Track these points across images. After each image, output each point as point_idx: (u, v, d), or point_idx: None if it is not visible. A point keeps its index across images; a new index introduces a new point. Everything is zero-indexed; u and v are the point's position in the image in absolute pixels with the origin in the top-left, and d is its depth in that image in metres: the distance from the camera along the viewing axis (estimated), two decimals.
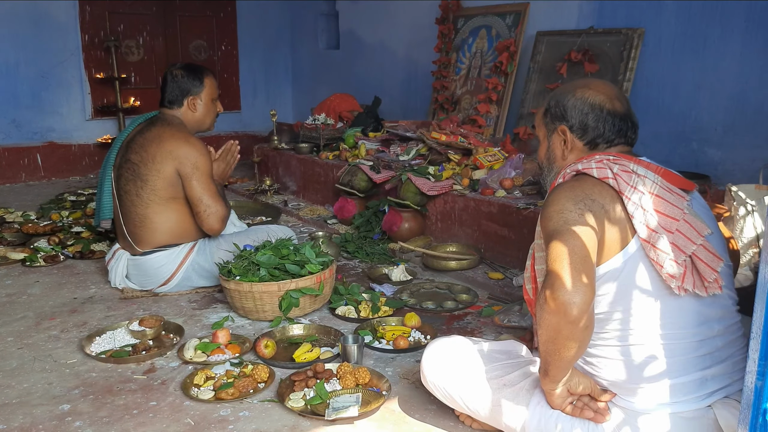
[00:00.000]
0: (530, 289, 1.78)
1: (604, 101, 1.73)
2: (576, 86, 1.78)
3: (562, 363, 1.50)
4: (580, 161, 1.68)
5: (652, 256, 1.53)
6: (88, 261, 3.58)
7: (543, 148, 1.86)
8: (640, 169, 1.61)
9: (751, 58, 3.23)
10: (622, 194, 1.56)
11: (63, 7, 5.94)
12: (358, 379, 2.14)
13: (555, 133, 1.79)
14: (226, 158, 3.21)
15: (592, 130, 1.72)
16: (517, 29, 4.36)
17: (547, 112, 1.81)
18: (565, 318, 1.41)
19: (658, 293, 1.54)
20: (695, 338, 1.56)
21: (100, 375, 2.30)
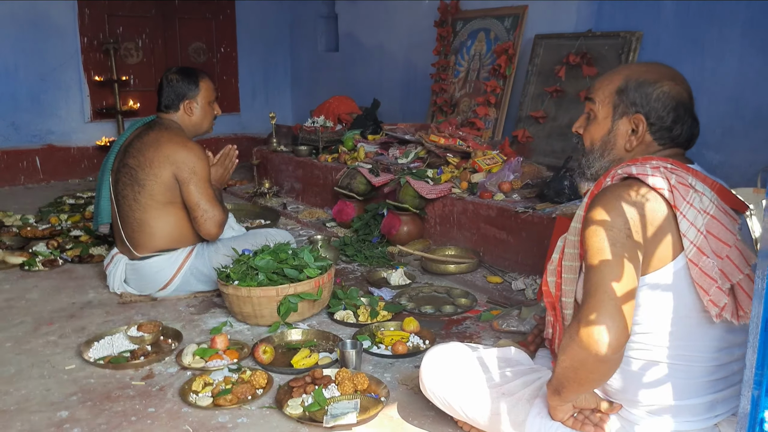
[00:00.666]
0: (552, 282, 1.70)
1: (687, 101, 1.58)
2: (662, 74, 1.59)
3: (579, 390, 1.46)
4: (634, 163, 1.53)
5: (696, 278, 1.44)
6: (87, 265, 3.58)
7: (601, 129, 1.65)
8: (698, 184, 1.49)
9: (749, 61, 3.23)
10: (677, 209, 1.45)
11: (62, 9, 5.93)
12: (357, 385, 2.13)
13: (625, 118, 1.60)
14: (225, 163, 3.21)
15: (668, 129, 1.57)
16: (516, 32, 4.36)
17: (624, 92, 1.59)
18: (595, 356, 1.35)
19: (691, 315, 1.48)
20: (714, 363, 1.51)
21: (99, 381, 2.30)
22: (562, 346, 1.43)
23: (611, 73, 1.66)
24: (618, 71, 1.64)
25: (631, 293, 1.40)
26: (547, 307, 1.76)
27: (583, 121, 1.71)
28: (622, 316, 1.36)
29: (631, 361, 1.54)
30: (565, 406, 1.54)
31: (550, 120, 4.07)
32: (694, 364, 1.50)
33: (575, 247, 1.61)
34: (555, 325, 1.75)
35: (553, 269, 1.70)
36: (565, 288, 1.66)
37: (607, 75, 1.66)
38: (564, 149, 3.90)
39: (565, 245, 1.66)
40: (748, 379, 1.16)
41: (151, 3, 6.41)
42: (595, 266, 1.42)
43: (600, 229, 1.44)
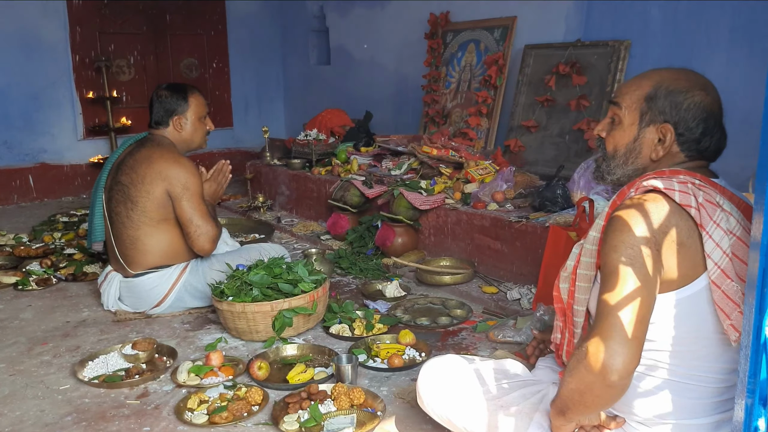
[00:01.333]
0: (565, 288, 1.67)
1: (718, 113, 1.53)
2: (693, 83, 1.53)
3: (585, 412, 1.44)
4: (660, 176, 1.47)
5: (717, 301, 1.40)
6: (81, 283, 3.56)
7: (626, 136, 1.58)
8: (725, 203, 1.45)
9: (737, 68, 3.25)
10: (703, 229, 1.40)
11: (53, 28, 5.94)
12: (353, 399, 2.13)
13: (652, 126, 1.54)
14: (218, 178, 3.21)
15: (696, 141, 1.51)
16: (505, 43, 4.39)
17: (653, 100, 1.53)
18: (603, 381, 1.32)
19: (709, 337, 1.44)
20: (724, 384, 1.49)
21: (93, 401, 2.29)
22: (570, 367, 1.40)
23: (640, 77, 1.60)
24: (647, 76, 1.58)
25: (646, 318, 1.36)
26: (557, 312, 1.72)
27: (607, 125, 1.64)
28: (633, 343, 1.33)
29: (641, 377, 1.51)
30: (568, 425, 1.51)
31: (542, 129, 4.09)
32: (706, 384, 1.48)
33: (592, 256, 1.57)
34: (564, 331, 1.72)
35: (567, 276, 1.66)
36: (578, 296, 1.62)
37: (635, 79, 1.60)
38: (556, 158, 3.92)
39: (581, 253, 1.61)
40: (742, 388, 1.16)
41: (143, 20, 6.42)
42: (611, 286, 1.38)
43: (619, 245, 1.40)
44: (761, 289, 1.10)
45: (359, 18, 5.97)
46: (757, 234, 1.10)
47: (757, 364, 1.13)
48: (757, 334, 1.12)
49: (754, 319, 1.12)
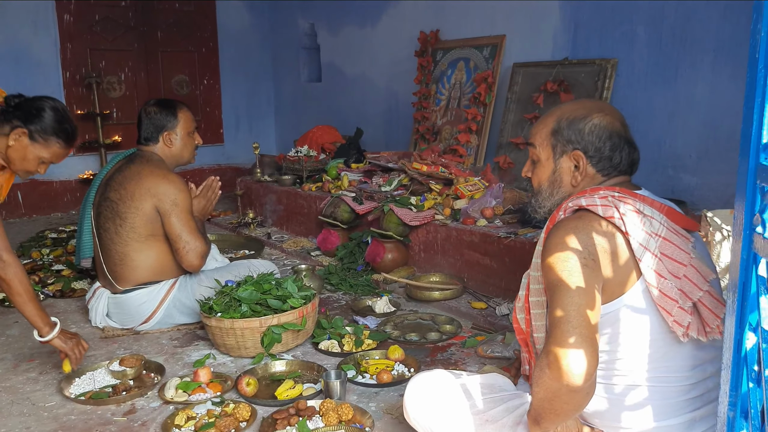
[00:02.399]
0: (522, 319, 1.73)
1: (621, 129, 1.64)
2: (590, 109, 1.66)
3: (557, 420, 1.47)
4: (582, 195, 1.59)
5: (657, 301, 1.48)
6: (69, 300, 3.54)
7: (545, 170, 1.71)
8: (646, 209, 1.55)
9: (721, 86, 3.30)
10: (629, 235, 1.50)
11: (44, 44, 5.95)
12: (341, 415, 2.12)
13: (565, 156, 1.67)
14: (207, 194, 3.21)
15: (608, 159, 1.63)
16: (494, 61, 4.43)
17: (558, 133, 1.66)
18: (567, 386, 1.36)
19: (659, 337, 1.51)
20: (689, 381, 1.53)
21: (79, 418, 2.27)
22: (534, 377, 1.44)
23: (545, 116, 1.73)
24: (550, 114, 1.72)
25: (594, 320, 1.42)
26: (520, 344, 1.78)
27: (530, 165, 1.77)
28: (588, 344, 1.38)
29: (608, 387, 1.56)
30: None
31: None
32: (670, 384, 1.52)
33: (539, 282, 1.64)
34: (530, 362, 1.77)
35: (521, 306, 1.74)
36: (535, 324, 1.69)
37: (542, 119, 1.73)
38: None
39: (529, 282, 1.69)
40: (723, 401, 1.18)
41: (134, 37, 6.45)
42: (556, 299, 1.44)
43: (557, 262, 1.48)
44: (741, 304, 1.12)
45: (350, 36, 6.02)
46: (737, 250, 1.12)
47: (738, 377, 1.15)
48: (737, 348, 1.14)
49: (735, 333, 1.14)
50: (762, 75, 1.03)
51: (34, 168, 2.62)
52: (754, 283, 1.09)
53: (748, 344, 1.12)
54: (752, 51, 1.05)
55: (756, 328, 1.10)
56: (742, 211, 1.10)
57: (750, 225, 1.09)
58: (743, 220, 1.10)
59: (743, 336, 1.13)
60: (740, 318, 1.13)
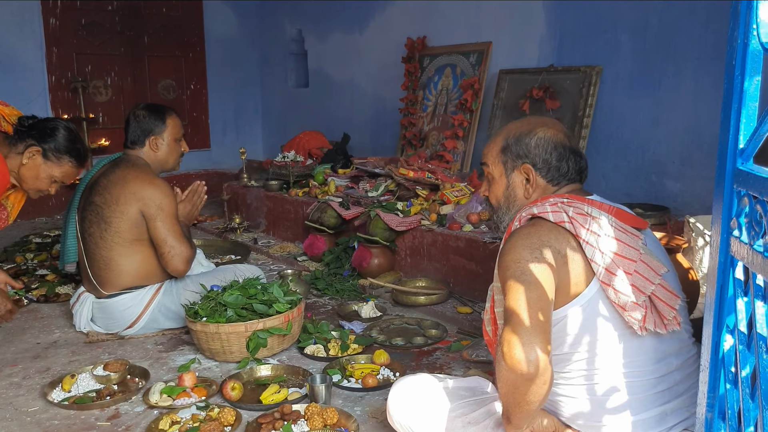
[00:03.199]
0: (490, 330, 1.78)
1: (564, 140, 1.74)
2: (534, 124, 1.77)
3: (523, 414, 1.49)
4: (534, 204, 1.67)
5: (612, 297, 1.53)
6: (53, 304, 3.52)
7: (500, 187, 1.81)
8: (594, 211, 1.62)
9: (704, 93, 3.35)
10: (579, 237, 1.57)
11: (29, 48, 5.91)
12: (326, 419, 2.13)
13: (516, 171, 1.76)
14: (193, 199, 3.21)
15: (556, 168, 1.72)
16: (481, 67, 4.46)
17: (507, 150, 1.76)
18: (521, 376, 1.40)
19: (619, 333, 1.56)
20: (654, 375, 1.58)
21: (63, 422, 2.26)
22: (496, 372, 1.49)
23: (494, 137, 1.83)
24: (498, 133, 1.82)
25: (545, 311, 1.47)
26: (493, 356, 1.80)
27: (485, 185, 1.86)
28: (537, 332, 1.43)
29: (579, 388, 1.60)
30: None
31: None
32: (636, 379, 1.57)
33: (501, 293, 1.67)
34: None
35: (488, 319, 1.78)
36: None
37: (491, 140, 1.84)
38: None
39: (494, 293, 1.73)
40: (701, 403, 1.19)
41: (120, 41, 6.42)
42: (507, 296, 1.50)
43: (508, 263, 1.54)
44: (719, 306, 1.14)
45: (337, 42, 6.04)
46: (715, 253, 1.14)
47: (715, 379, 1.17)
48: (715, 350, 1.16)
49: (713, 335, 1.16)
50: (738, 81, 1.05)
51: (46, 187, 2.68)
52: (731, 285, 1.11)
53: (726, 346, 1.14)
54: (729, 58, 1.07)
55: (733, 330, 1.12)
56: (719, 215, 1.12)
57: (727, 228, 1.11)
58: (720, 223, 1.12)
59: (721, 338, 1.14)
60: (718, 320, 1.14)
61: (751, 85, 1.04)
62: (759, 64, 1.03)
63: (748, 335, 1.07)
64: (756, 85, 1.04)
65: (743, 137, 1.06)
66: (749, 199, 1.03)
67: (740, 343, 1.08)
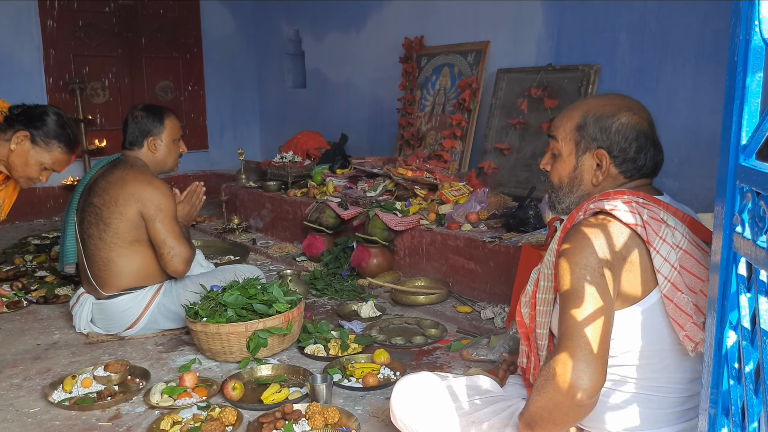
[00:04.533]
0: (526, 314, 1.72)
1: (648, 130, 1.60)
2: (619, 107, 1.60)
3: (553, 429, 1.45)
4: (605, 197, 1.54)
5: (671, 313, 1.45)
6: (53, 306, 3.51)
7: (566, 166, 1.66)
8: (669, 219, 1.51)
9: (702, 91, 3.35)
10: (650, 245, 1.46)
11: (26, 50, 5.91)
12: (327, 419, 2.12)
13: (588, 153, 1.62)
14: (191, 200, 3.20)
15: (632, 160, 1.59)
16: (479, 67, 4.47)
17: (583, 128, 1.61)
18: (572, 400, 1.35)
19: (666, 349, 1.50)
20: (685, 393, 1.53)
21: (64, 423, 2.25)
22: (537, 385, 1.43)
23: (570, 109, 1.68)
24: (576, 107, 1.66)
25: (607, 335, 1.40)
26: (521, 337, 1.77)
27: (549, 158, 1.72)
28: (599, 361, 1.36)
29: (608, 392, 1.55)
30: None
31: (515, 151, 4.16)
32: (667, 395, 1.52)
33: (549, 280, 1.62)
34: (530, 355, 1.76)
35: (527, 301, 1.71)
36: (539, 320, 1.67)
37: (567, 111, 1.68)
38: (528, 179, 3.98)
39: (539, 278, 1.66)
40: (705, 399, 1.20)
41: (118, 42, 6.42)
42: (571, 307, 1.41)
43: (574, 267, 1.44)
44: (722, 302, 1.14)
45: (335, 42, 6.04)
46: (717, 249, 1.14)
47: (719, 375, 1.17)
48: (718, 346, 1.16)
49: (716, 332, 1.16)
50: (741, 78, 1.05)
51: (36, 174, 2.65)
52: (734, 281, 1.11)
53: (729, 342, 1.14)
54: (731, 54, 1.07)
55: (736, 326, 1.12)
56: (722, 211, 1.12)
57: (730, 225, 1.11)
58: (723, 219, 1.12)
59: (724, 334, 1.14)
60: (721, 316, 1.15)
61: (753, 82, 1.04)
62: (761, 61, 1.03)
63: (751, 331, 1.07)
64: (758, 82, 1.04)
65: (745, 133, 1.06)
66: (752, 195, 1.03)
67: (743, 339, 1.08)
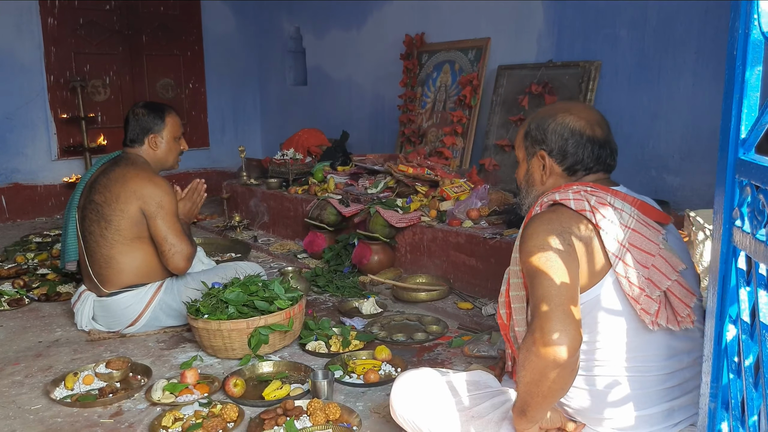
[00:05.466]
0: (504, 314, 1.77)
1: (585, 127, 1.70)
2: (557, 110, 1.74)
3: (544, 404, 1.47)
4: (557, 190, 1.66)
5: (626, 290, 1.53)
6: (54, 303, 3.52)
7: (522, 170, 1.82)
8: (617, 202, 1.59)
9: (703, 87, 3.35)
10: (599, 227, 1.55)
11: (27, 48, 5.91)
12: (329, 415, 2.13)
13: (535, 156, 1.76)
14: (193, 197, 3.20)
15: (572, 156, 1.69)
16: (480, 63, 4.46)
17: (528, 134, 1.76)
18: (555, 362, 1.38)
19: (631, 326, 1.55)
20: (664, 371, 1.57)
21: (66, 420, 2.26)
22: (520, 361, 1.46)
23: (525, 120, 1.83)
24: (529, 117, 1.81)
25: (575, 297, 1.47)
26: (504, 339, 1.81)
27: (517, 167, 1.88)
28: (572, 319, 1.42)
29: (589, 379, 1.60)
30: (531, 428, 1.55)
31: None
32: (647, 374, 1.56)
33: (518, 277, 1.68)
34: (513, 357, 1.79)
35: (502, 302, 1.77)
36: (516, 317, 1.71)
37: (523, 123, 1.84)
38: None
39: (510, 276, 1.73)
40: (705, 393, 1.20)
41: (119, 40, 6.42)
42: (536, 284, 1.48)
43: (533, 249, 1.53)
44: (721, 296, 1.14)
45: (336, 39, 6.04)
46: (717, 244, 1.14)
47: (719, 369, 1.17)
48: (718, 340, 1.16)
49: (715, 325, 1.16)
50: (740, 72, 1.05)
51: None
52: (733, 275, 1.11)
53: (729, 336, 1.14)
54: (730, 48, 1.07)
55: (736, 320, 1.12)
56: (721, 205, 1.12)
57: (729, 218, 1.11)
58: (723, 213, 1.12)
59: (724, 328, 1.14)
60: (720, 310, 1.15)
61: (753, 75, 1.04)
62: (760, 54, 1.03)
63: (751, 325, 1.07)
64: (757, 75, 1.04)
65: (745, 127, 1.06)
66: (751, 188, 1.03)
67: (743, 333, 1.08)
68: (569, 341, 1.39)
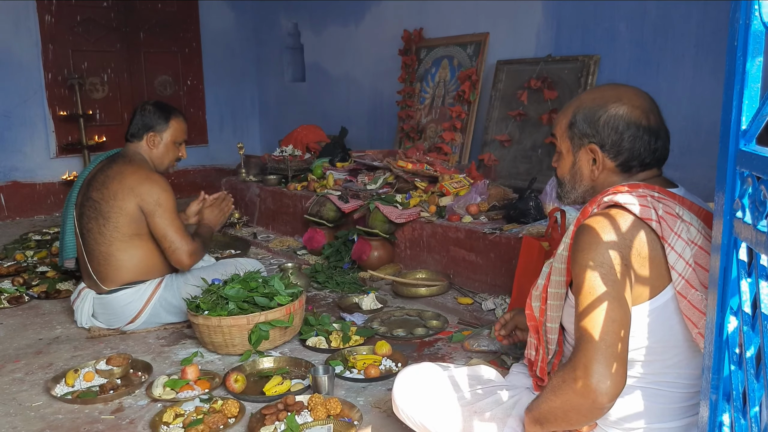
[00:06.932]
0: (536, 307, 1.70)
1: (641, 117, 1.55)
2: (607, 99, 1.58)
3: (564, 427, 1.44)
4: (618, 191, 1.50)
5: (684, 311, 1.43)
6: (54, 301, 3.52)
7: (566, 164, 1.67)
8: (685, 214, 1.47)
9: (702, 82, 3.34)
10: (665, 241, 1.43)
11: (25, 45, 5.90)
12: (330, 410, 2.13)
13: (582, 149, 1.62)
14: (221, 205, 3.27)
15: (627, 151, 1.55)
16: (478, 59, 4.46)
17: (573, 126, 1.61)
18: (593, 405, 1.34)
19: (678, 345, 1.48)
20: (694, 389, 1.52)
21: (67, 417, 2.26)
22: (553, 385, 1.41)
23: (566, 107, 1.68)
24: (570, 104, 1.66)
25: (626, 336, 1.39)
26: (530, 330, 1.75)
27: (555, 156, 1.74)
28: (620, 363, 1.35)
29: None
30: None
31: (515, 143, 4.15)
32: (676, 390, 1.51)
33: (561, 275, 1.60)
34: (538, 348, 1.74)
35: (537, 295, 1.70)
36: (549, 314, 1.66)
37: (563, 109, 1.68)
38: (529, 171, 3.98)
39: (551, 271, 1.65)
40: (706, 385, 1.20)
41: (116, 38, 6.41)
42: (588, 309, 1.39)
43: (590, 264, 1.42)
44: (722, 288, 1.14)
45: (334, 35, 6.03)
46: (718, 235, 1.14)
47: (720, 360, 1.17)
48: (719, 332, 1.16)
49: (716, 317, 1.16)
50: (741, 62, 1.05)
51: None
52: (734, 267, 1.11)
53: (730, 327, 1.14)
54: (731, 39, 1.07)
55: (737, 311, 1.12)
56: (722, 197, 1.12)
57: (730, 210, 1.11)
58: (724, 205, 1.12)
59: (725, 320, 1.15)
60: (721, 302, 1.15)
61: (753, 66, 1.04)
62: (761, 45, 1.03)
63: (752, 316, 1.07)
64: (758, 66, 1.04)
65: (746, 118, 1.06)
66: (752, 179, 1.03)
67: (744, 324, 1.08)
68: (613, 389, 1.33)
